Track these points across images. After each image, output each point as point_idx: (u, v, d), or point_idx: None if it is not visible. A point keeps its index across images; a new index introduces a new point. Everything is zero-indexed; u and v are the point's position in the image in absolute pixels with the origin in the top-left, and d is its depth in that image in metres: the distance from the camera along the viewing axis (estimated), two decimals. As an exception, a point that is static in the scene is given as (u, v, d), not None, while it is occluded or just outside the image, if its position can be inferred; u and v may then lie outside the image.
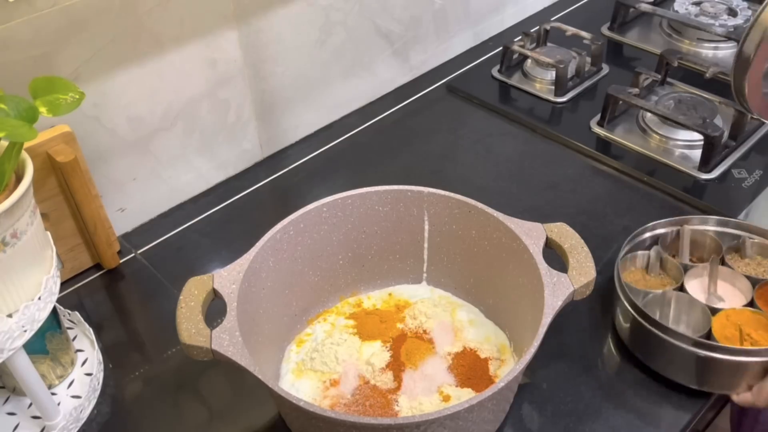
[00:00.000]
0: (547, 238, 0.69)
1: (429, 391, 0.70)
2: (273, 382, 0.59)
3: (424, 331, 0.76)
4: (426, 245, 0.79)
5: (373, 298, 0.80)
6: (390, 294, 0.81)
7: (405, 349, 0.74)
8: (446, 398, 0.69)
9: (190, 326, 0.62)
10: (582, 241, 0.68)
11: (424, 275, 0.81)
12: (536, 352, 0.60)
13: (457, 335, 0.75)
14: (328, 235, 0.76)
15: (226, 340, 0.61)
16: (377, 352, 0.73)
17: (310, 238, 0.74)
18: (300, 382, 0.72)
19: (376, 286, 0.81)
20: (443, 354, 0.73)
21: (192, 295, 0.65)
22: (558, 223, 0.70)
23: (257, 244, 0.69)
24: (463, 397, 0.69)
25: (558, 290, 0.64)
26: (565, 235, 0.69)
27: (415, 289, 0.81)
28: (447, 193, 0.75)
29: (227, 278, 0.66)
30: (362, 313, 0.78)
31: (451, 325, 0.76)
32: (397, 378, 0.71)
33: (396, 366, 0.72)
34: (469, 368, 0.72)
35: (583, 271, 0.66)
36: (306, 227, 0.74)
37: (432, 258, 0.80)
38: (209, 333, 0.62)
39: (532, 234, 0.69)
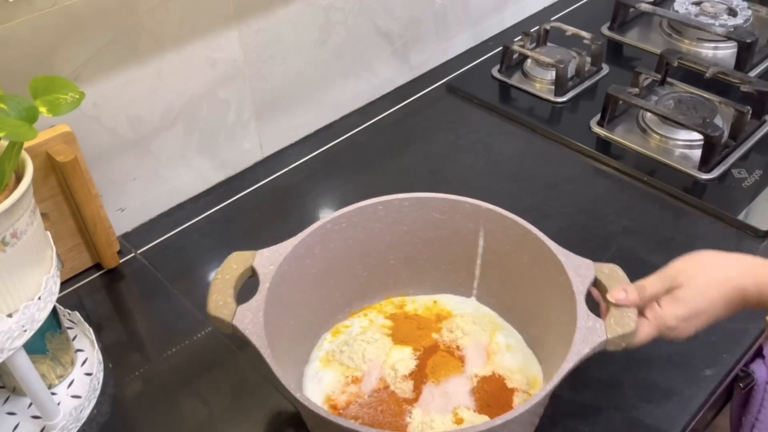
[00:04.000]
0: (595, 278, 0.65)
1: (444, 409, 0.68)
2: (281, 372, 0.59)
3: (457, 347, 0.73)
4: (479, 261, 0.76)
5: (417, 303, 0.79)
6: (435, 302, 0.79)
7: (432, 361, 0.72)
8: (459, 421, 0.67)
9: (219, 298, 0.63)
10: (632, 287, 0.63)
11: (474, 291, 0.78)
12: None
13: (490, 358, 0.72)
14: (381, 233, 0.75)
15: (248, 318, 0.61)
16: (405, 359, 0.72)
17: (362, 233, 0.74)
18: (325, 372, 0.71)
19: (425, 291, 0.80)
20: (470, 375, 0.71)
21: (230, 269, 0.66)
22: (610, 265, 0.66)
23: (305, 231, 0.70)
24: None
25: (590, 336, 0.60)
26: (615, 278, 0.65)
27: (462, 302, 0.79)
28: (504, 212, 0.72)
29: (268, 258, 0.67)
30: (402, 316, 0.77)
31: (486, 346, 0.74)
32: (417, 389, 0.70)
33: (419, 377, 0.71)
34: (492, 395, 0.69)
35: (622, 321, 0.61)
36: (359, 222, 0.74)
37: (483, 274, 0.77)
38: (235, 308, 0.62)
39: (580, 271, 0.65)
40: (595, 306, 0.65)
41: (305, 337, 0.73)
